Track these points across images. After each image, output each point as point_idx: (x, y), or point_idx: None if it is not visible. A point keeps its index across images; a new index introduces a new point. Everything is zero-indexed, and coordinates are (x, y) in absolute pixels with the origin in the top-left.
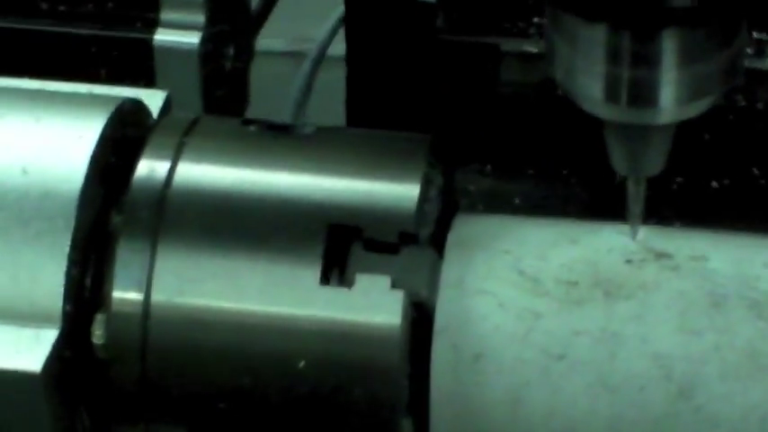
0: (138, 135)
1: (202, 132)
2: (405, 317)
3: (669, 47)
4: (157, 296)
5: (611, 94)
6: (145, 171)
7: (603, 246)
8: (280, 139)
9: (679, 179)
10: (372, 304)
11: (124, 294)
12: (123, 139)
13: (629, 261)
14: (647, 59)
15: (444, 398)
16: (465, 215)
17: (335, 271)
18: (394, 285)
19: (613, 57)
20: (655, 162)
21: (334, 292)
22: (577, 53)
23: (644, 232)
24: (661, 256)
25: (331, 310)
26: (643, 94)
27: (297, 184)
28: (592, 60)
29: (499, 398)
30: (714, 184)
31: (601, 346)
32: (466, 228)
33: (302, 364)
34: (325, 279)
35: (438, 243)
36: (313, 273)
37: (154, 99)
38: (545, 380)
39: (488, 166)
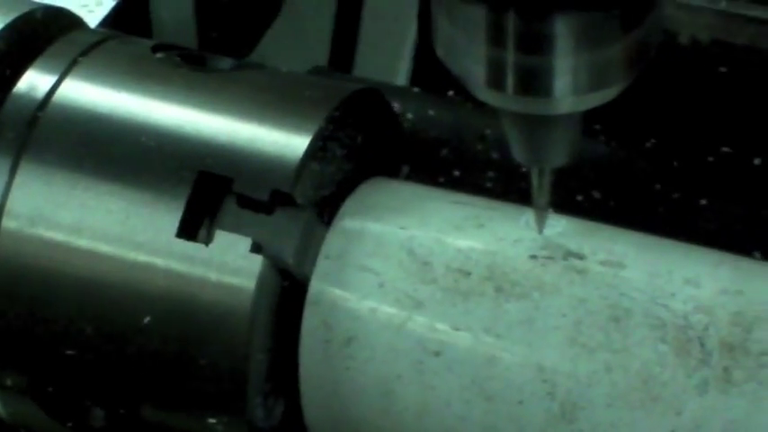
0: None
1: (103, 53)
2: (262, 284)
3: (562, 30)
4: (8, 224)
5: (495, 81)
6: (25, 87)
7: (511, 236)
8: (182, 71)
9: None
10: (226, 266)
11: None
12: (28, 50)
13: (533, 257)
14: (535, 44)
15: (314, 380)
16: (377, 180)
17: (206, 223)
18: (258, 248)
19: (496, 39)
20: (559, 152)
21: (189, 247)
22: (457, 30)
23: (563, 227)
24: (571, 255)
25: (183, 266)
26: (533, 83)
27: (176, 122)
28: (473, 41)
29: (370, 388)
30: None
31: (481, 347)
32: (368, 195)
33: (147, 319)
34: (188, 230)
35: (334, 208)
36: (172, 221)
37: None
38: (418, 376)
39: None
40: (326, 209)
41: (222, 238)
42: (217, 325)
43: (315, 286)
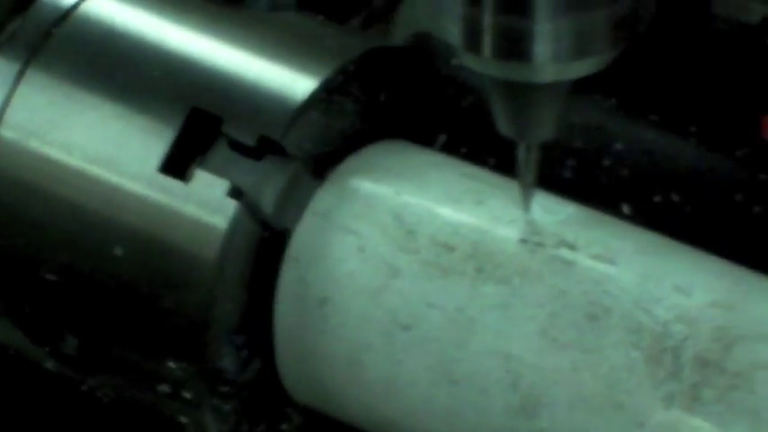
0: None
1: None
2: (235, 228)
3: None
4: (4, 133)
5: (474, 43)
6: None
7: (507, 216)
8: (211, 5)
9: None
10: (202, 206)
11: None
12: None
13: (523, 241)
14: (512, 4)
15: (288, 339)
16: (390, 143)
17: (198, 160)
18: (237, 193)
19: None
20: (545, 126)
21: (168, 182)
22: None
23: (567, 214)
24: (563, 244)
25: (160, 200)
26: (511, 46)
27: (185, 53)
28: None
29: (342, 355)
30: None
31: (452, 327)
32: (373, 156)
33: (119, 250)
34: (171, 166)
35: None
36: (158, 153)
37: None
38: (387, 348)
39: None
40: (330, 165)
41: (205, 178)
42: (184, 265)
43: (296, 241)
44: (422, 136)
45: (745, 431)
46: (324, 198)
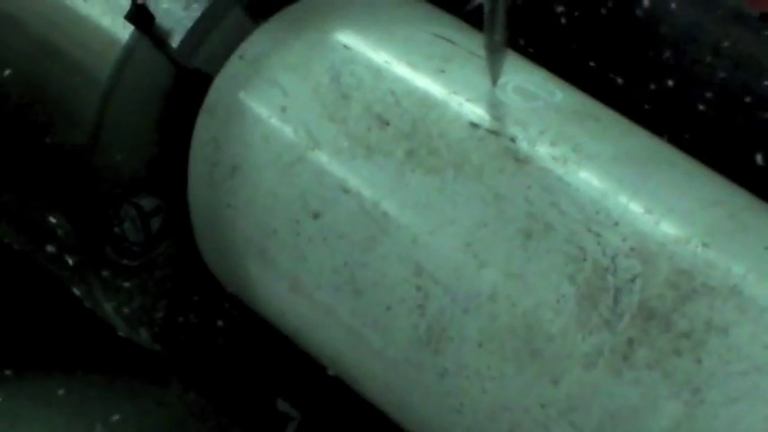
0: None
1: None
2: (129, 56)
3: None
4: None
5: None
6: None
7: (469, 92)
8: None
9: None
10: (96, 19)
11: None
12: None
13: (474, 125)
14: None
15: (201, 211)
16: None
17: None
18: (142, 19)
19: None
20: None
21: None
22: None
23: (551, 100)
24: (522, 136)
25: (58, 17)
26: None
27: None
28: None
29: (248, 239)
30: None
31: (364, 222)
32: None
33: (8, 72)
34: None
35: None
36: None
37: None
38: (293, 238)
39: None
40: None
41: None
42: (73, 87)
43: (215, 89)
44: None
45: (678, 412)
46: (257, 41)
